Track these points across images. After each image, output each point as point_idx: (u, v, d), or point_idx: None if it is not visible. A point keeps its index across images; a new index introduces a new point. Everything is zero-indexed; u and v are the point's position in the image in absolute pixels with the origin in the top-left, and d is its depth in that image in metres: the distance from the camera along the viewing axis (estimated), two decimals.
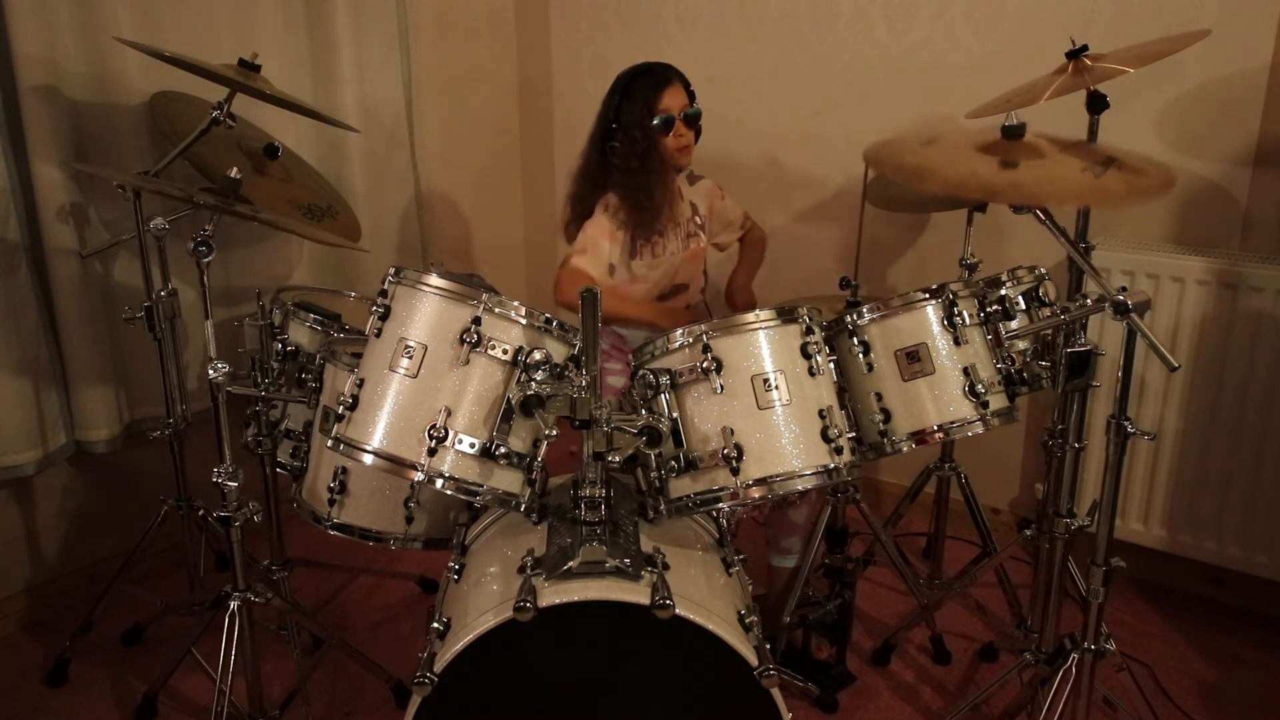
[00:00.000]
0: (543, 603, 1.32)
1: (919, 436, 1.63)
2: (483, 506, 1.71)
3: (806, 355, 1.53)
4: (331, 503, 1.77)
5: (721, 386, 1.49)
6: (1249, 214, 2.30)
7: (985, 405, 1.61)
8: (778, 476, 1.49)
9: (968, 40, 2.54)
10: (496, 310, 1.47)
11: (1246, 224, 2.31)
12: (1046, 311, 1.70)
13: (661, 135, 2.20)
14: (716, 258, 2.55)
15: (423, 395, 1.46)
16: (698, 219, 2.38)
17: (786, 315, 1.54)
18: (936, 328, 1.62)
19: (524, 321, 1.48)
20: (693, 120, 2.24)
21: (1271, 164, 2.25)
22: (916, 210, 2.66)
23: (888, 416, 1.64)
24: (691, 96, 2.26)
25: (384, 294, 1.52)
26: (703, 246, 2.40)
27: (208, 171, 2.08)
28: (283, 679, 2.12)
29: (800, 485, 1.51)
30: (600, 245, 2.20)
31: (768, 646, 1.44)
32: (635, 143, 2.18)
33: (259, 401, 1.90)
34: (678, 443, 1.51)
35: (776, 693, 1.36)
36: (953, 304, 1.62)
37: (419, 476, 1.45)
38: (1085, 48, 1.92)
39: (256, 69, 2.01)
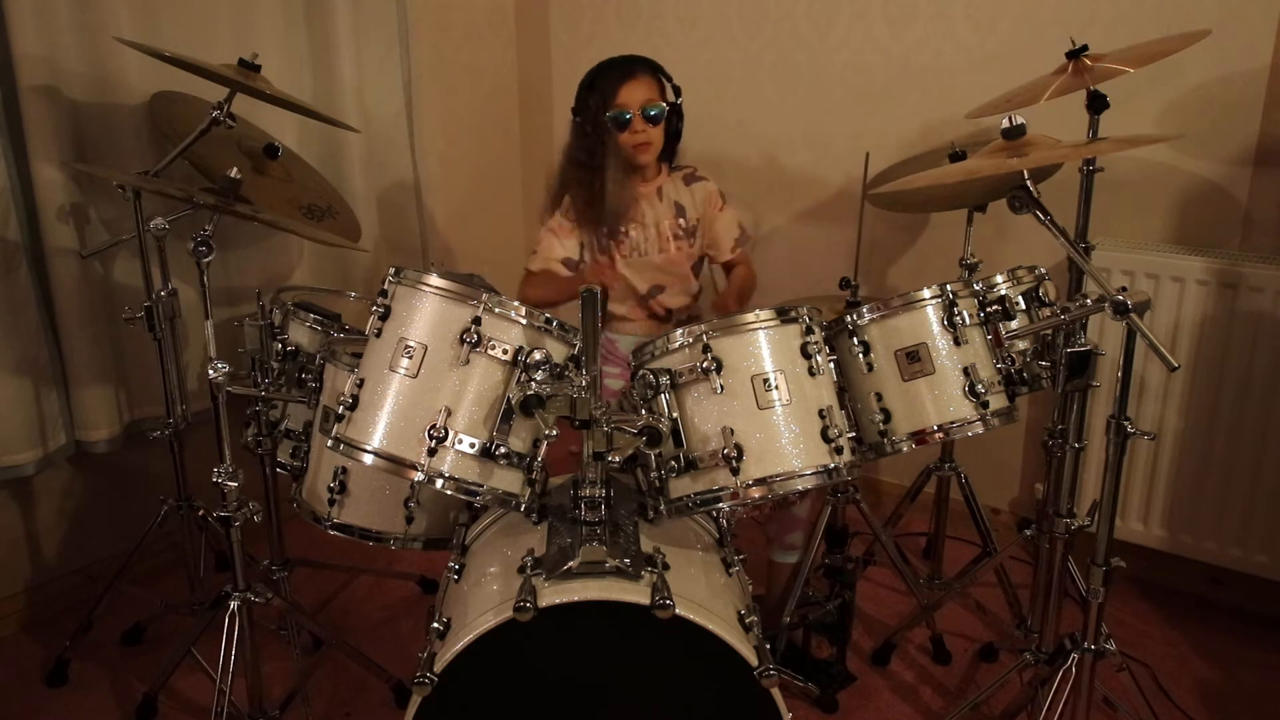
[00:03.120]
0: (543, 603, 1.32)
1: (919, 436, 1.63)
2: (483, 506, 1.71)
3: (806, 355, 1.53)
4: (331, 503, 1.78)
5: (721, 386, 1.49)
6: (1249, 214, 2.30)
7: (985, 405, 1.61)
8: (778, 476, 1.49)
9: (968, 40, 2.54)
10: (496, 310, 1.47)
11: (1246, 224, 2.31)
12: (1046, 311, 1.70)
13: (616, 130, 2.14)
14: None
15: (423, 395, 1.45)
16: (683, 221, 2.31)
17: (786, 315, 1.54)
18: (936, 328, 1.62)
19: (524, 321, 1.48)
20: (655, 117, 2.16)
21: (1271, 164, 2.25)
22: (916, 210, 2.66)
23: (888, 416, 1.64)
24: (677, 91, 2.21)
25: (384, 294, 1.52)
26: (690, 251, 2.33)
27: (208, 171, 2.08)
28: (283, 679, 2.11)
29: (800, 485, 1.51)
30: (548, 243, 2.22)
31: (768, 646, 1.44)
32: (585, 137, 2.15)
33: (259, 401, 1.90)
34: (678, 443, 1.51)
35: (776, 693, 1.36)
36: (953, 304, 1.61)
37: (419, 476, 1.45)
38: (1085, 48, 1.92)
39: (256, 69, 2.01)
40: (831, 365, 1.60)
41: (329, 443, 1.52)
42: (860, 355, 1.65)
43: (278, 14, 2.59)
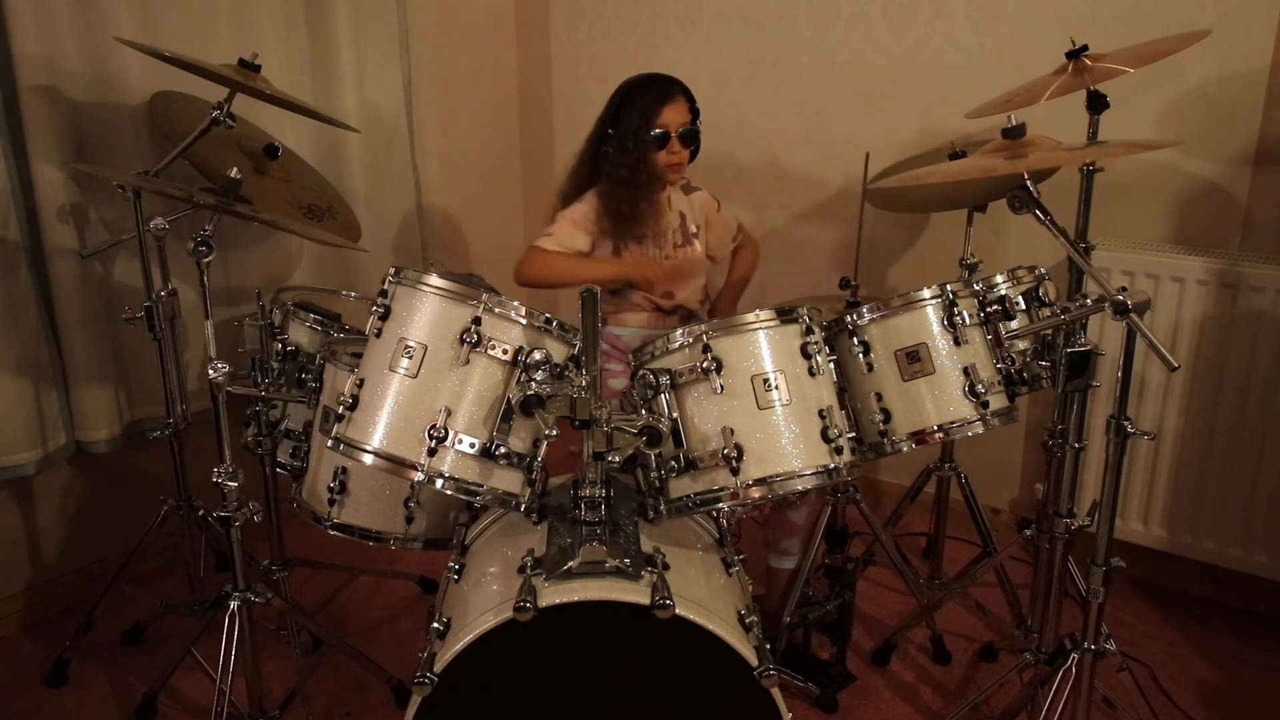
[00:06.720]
0: (543, 603, 1.32)
1: (919, 436, 1.63)
2: (483, 506, 1.71)
3: (806, 355, 1.53)
4: (331, 503, 1.78)
5: (721, 386, 1.49)
6: (1249, 214, 2.30)
7: (985, 405, 1.61)
8: (778, 476, 1.49)
9: (968, 40, 2.54)
10: (496, 310, 1.47)
11: (1246, 224, 2.31)
12: (1046, 311, 1.70)
13: (655, 150, 2.20)
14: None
15: (423, 395, 1.46)
16: (690, 227, 2.38)
17: (786, 315, 1.54)
18: (936, 328, 1.62)
19: (524, 321, 1.48)
20: (688, 138, 2.24)
21: (1271, 164, 2.25)
22: (916, 210, 2.66)
23: (888, 416, 1.64)
24: (695, 114, 2.26)
25: (384, 294, 1.53)
26: (694, 255, 2.38)
27: (208, 171, 2.08)
28: (283, 679, 2.12)
29: (800, 485, 1.51)
30: (571, 233, 2.23)
31: (768, 646, 1.44)
32: (627, 153, 2.19)
33: (259, 401, 1.90)
34: (678, 443, 1.51)
35: (776, 693, 1.36)
36: (953, 304, 1.62)
37: (419, 476, 1.45)
38: (1085, 48, 1.92)
39: (256, 69, 2.01)
40: (831, 365, 1.60)
41: (329, 443, 1.52)
42: (860, 355, 1.65)
43: (278, 14, 2.59)
